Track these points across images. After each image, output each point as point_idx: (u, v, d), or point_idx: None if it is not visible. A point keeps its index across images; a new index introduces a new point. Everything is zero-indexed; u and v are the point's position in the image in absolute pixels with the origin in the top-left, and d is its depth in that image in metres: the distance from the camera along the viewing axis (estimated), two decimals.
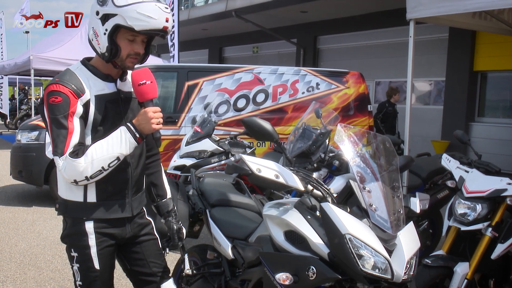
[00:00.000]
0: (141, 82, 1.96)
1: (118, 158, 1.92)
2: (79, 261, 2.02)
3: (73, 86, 1.89)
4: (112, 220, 2.04)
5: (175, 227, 2.32)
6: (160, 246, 2.29)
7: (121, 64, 1.97)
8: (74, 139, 1.87)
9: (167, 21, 1.90)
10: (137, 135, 1.95)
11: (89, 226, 1.99)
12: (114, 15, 1.86)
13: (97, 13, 1.90)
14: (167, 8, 1.92)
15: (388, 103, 8.75)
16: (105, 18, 1.88)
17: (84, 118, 1.91)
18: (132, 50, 1.94)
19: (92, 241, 2.00)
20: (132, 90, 2.06)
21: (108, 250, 2.06)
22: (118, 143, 1.91)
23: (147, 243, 2.20)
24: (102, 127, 1.96)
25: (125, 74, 2.07)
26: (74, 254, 2.03)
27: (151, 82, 1.97)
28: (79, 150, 1.87)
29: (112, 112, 1.99)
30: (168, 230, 2.33)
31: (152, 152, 2.30)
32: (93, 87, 1.95)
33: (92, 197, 2.00)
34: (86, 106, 1.91)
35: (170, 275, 2.32)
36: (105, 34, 1.89)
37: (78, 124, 1.89)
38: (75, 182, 1.90)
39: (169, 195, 2.37)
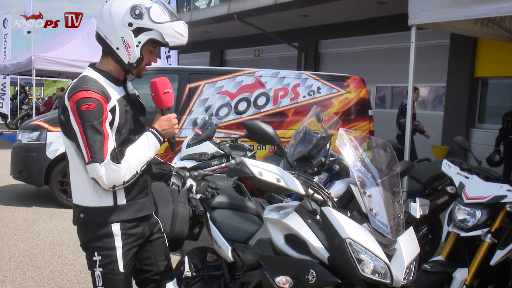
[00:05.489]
0: (166, 91, 2.09)
1: (147, 162, 2.02)
2: (103, 264, 2.00)
3: (102, 91, 1.93)
4: (136, 219, 2.07)
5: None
6: (167, 245, 2.32)
7: (137, 73, 2.08)
8: (111, 144, 1.91)
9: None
10: (162, 140, 2.07)
11: (116, 227, 2.00)
12: (149, 29, 1.97)
13: (130, 24, 1.95)
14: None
15: None
16: (138, 30, 1.96)
17: (110, 123, 1.95)
18: (150, 60, 2.07)
19: (118, 242, 2.01)
20: (135, 92, 2.18)
21: (132, 252, 2.08)
22: (147, 148, 2.01)
23: (157, 242, 2.24)
24: (124, 130, 2.01)
25: (126, 77, 2.14)
26: (97, 258, 2.01)
27: (171, 91, 2.12)
28: (117, 155, 1.91)
29: (130, 115, 2.06)
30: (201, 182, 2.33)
31: None
32: (113, 92, 2.00)
33: (122, 199, 2.02)
34: (113, 111, 1.96)
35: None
36: (137, 46, 1.98)
37: (109, 129, 1.93)
38: (113, 187, 1.93)
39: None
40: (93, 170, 1.87)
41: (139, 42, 1.97)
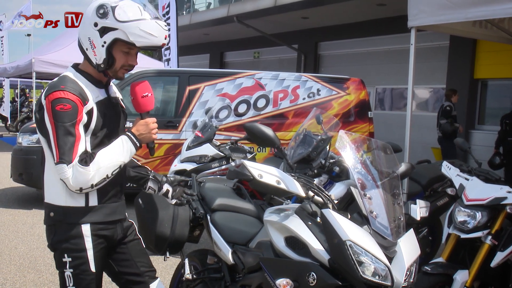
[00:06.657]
0: (145, 94, 2.06)
1: (120, 166, 1.99)
2: (73, 266, 1.99)
3: (80, 93, 1.92)
4: (107, 222, 2.06)
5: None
6: (144, 246, 2.31)
7: (114, 74, 2.03)
8: (81, 147, 1.90)
9: (165, 38, 1.99)
10: (138, 144, 2.03)
11: (86, 228, 1.99)
12: (114, 29, 1.91)
13: (96, 24, 1.92)
14: (166, 26, 2.00)
15: None
16: (103, 30, 1.92)
17: (86, 125, 1.94)
18: (126, 62, 2.01)
19: (88, 244, 1.99)
20: (117, 95, 2.15)
21: (103, 253, 2.08)
22: (121, 152, 1.98)
23: (132, 243, 2.23)
24: (100, 134, 2.00)
25: (110, 80, 2.12)
26: (67, 259, 1.99)
27: (151, 95, 2.08)
28: (86, 157, 1.90)
29: (108, 118, 2.04)
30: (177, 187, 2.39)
31: None
32: (92, 94, 1.98)
33: (93, 201, 2.01)
34: (89, 114, 1.94)
35: (156, 275, 2.32)
36: (103, 46, 1.94)
37: (83, 132, 1.92)
38: (80, 190, 1.91)
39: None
40: (60, 171, 1.87)
41: (105, 42, 1.93)
